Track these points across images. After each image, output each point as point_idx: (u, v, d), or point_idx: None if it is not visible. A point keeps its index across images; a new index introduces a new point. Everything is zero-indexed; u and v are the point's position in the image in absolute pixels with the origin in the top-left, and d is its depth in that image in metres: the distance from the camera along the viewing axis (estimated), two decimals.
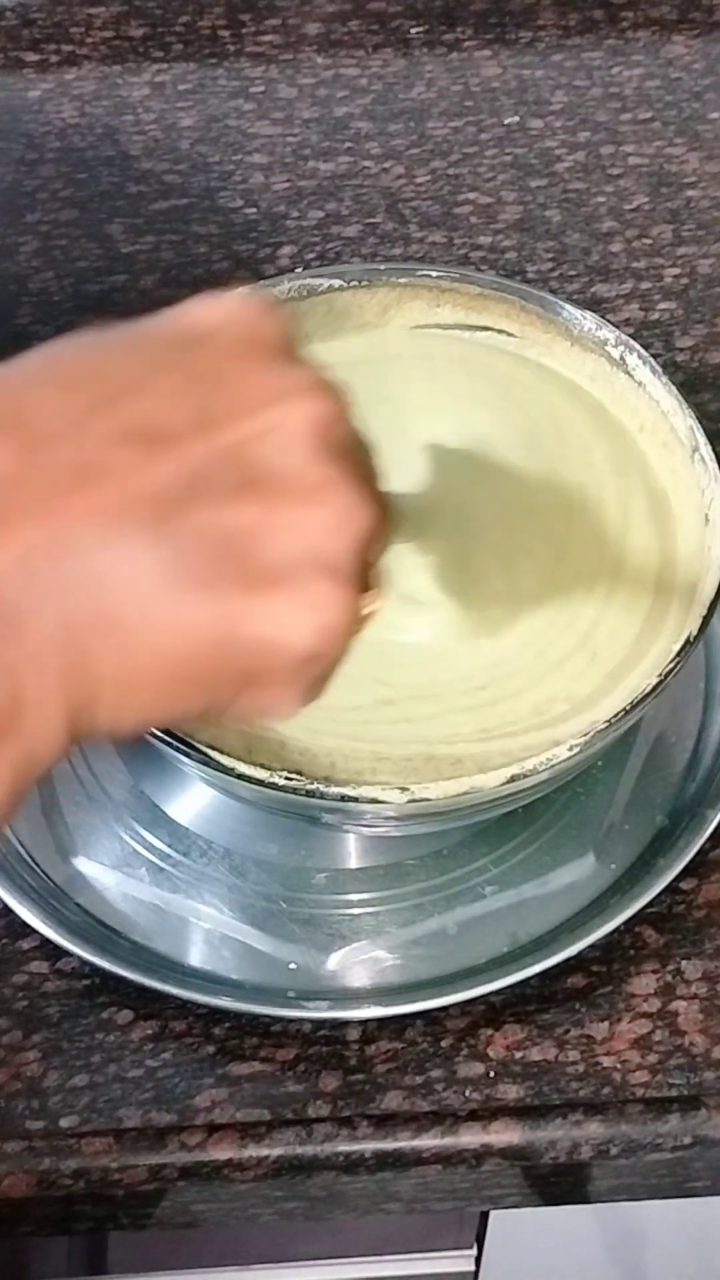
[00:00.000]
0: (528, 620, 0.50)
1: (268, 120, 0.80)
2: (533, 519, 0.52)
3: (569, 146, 0.79)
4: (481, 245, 0.74)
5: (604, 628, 0.50)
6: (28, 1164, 0.48)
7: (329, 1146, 0.48)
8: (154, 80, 0.82)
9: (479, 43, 0.83)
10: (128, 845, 0.54)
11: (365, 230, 0.74)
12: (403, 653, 0.49)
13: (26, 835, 0.54)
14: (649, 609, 0.51)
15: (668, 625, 0.50)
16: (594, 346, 0.56)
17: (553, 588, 0.51)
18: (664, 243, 0.74)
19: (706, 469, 0.52)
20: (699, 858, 0.53)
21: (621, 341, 0.55)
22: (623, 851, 0.54)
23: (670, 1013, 0.51)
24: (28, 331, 0.70)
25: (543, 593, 0.51)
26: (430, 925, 0.52)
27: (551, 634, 0.50)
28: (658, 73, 0.82)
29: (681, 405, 0.53)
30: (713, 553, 0.50)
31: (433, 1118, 0.49)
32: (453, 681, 0.49)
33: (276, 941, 0.52)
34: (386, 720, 0.48)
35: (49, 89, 0.82)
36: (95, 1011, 0.51)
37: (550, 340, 0.57)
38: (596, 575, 0.51)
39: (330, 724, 0.48)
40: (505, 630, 0.50)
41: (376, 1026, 0.50)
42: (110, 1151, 0.48)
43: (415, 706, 0.48)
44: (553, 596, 0.51)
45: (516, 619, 0.50)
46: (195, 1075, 0.50)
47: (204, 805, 0.55)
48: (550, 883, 0.53)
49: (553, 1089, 0.49)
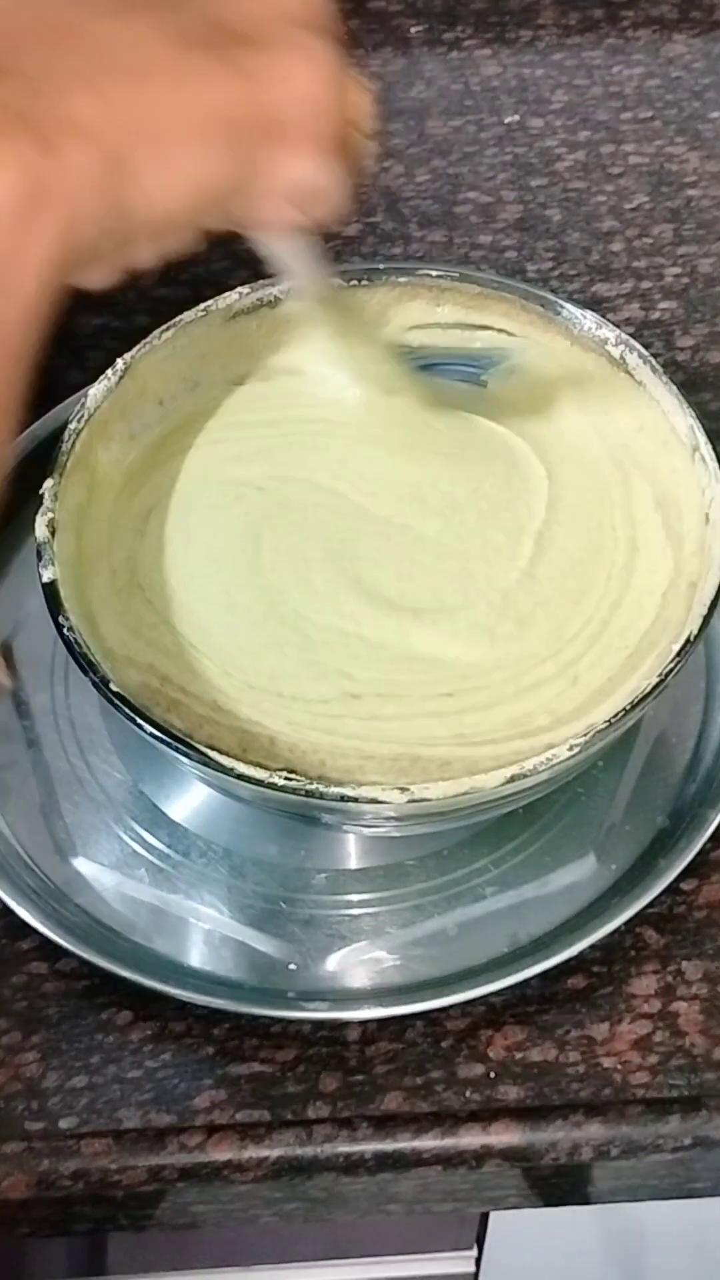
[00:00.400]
0: (505, 646, 0.50)
1: None
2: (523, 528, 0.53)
3: (569, 145, 0.78)
4: (481, 244, 0.74)
5: (589, 659, 0.50)
6: (26, 1165, 0.48)
7: (329, 1148, 0.48)
8: None
9: (479, 41, 0.83)
10: (127, 845, 0.54)
11: (365, 229, 0.74)
12: (366, 648, 0.50)
13: (26, 835, 0.54)
14: (638, 643, 0.50)
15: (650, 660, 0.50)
16: (594, 346, 0.56)
17: (541, 607, 0.51)
18: (664, 242, 0.74)
19: (707, 469, 0.52)
20: (700, 858, 0.53)
21: (622, 341, 0.55)
22: (623, 852, 0.54)
23: (671, 1014, 0.51)
24: None
25: (528, 615, 0.51)
26: (430, 926, 0.52)
27: (528, 663, 0.50)
28: (658, 72, 0.82)
29: (682, 405, 0.53)
30: (713, 553, 0.50)
31: (433, 1119, 0.49)
32: (414, 684, 0.49)
33: (276, 942, 0.52)
34: (357, 716, 0.48)
35: None
36: (94, 1012, 0.51)
37: (550, 339, 0.57)
38: (590, 597, 0.51)
39: (307, 716, 0.48)
40: (478, 646, 0.50)
41: (376, 1027, 0.50)
42: (109, 1152, 0.48)
43: (381, 705, 0.49)
44: (537, 621, 0.51)
45: (494, 639, 0.50)
46: (195, 1076, 0.50)
47: (203, 806, 0.54)
48: (550, 883, 0.53)
49: (553, 1090, 0.49)
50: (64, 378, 0.67)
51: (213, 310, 0.55)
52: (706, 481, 0.51)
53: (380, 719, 0.48)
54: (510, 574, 0.51)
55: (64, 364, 0.68)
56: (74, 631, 0.47)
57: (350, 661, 0.49)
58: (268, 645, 0.50)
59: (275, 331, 0.57)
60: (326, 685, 0.49)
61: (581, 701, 0.49)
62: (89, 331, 0.69)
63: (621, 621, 0.51)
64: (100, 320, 0.70)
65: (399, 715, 0.48)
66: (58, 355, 0.68)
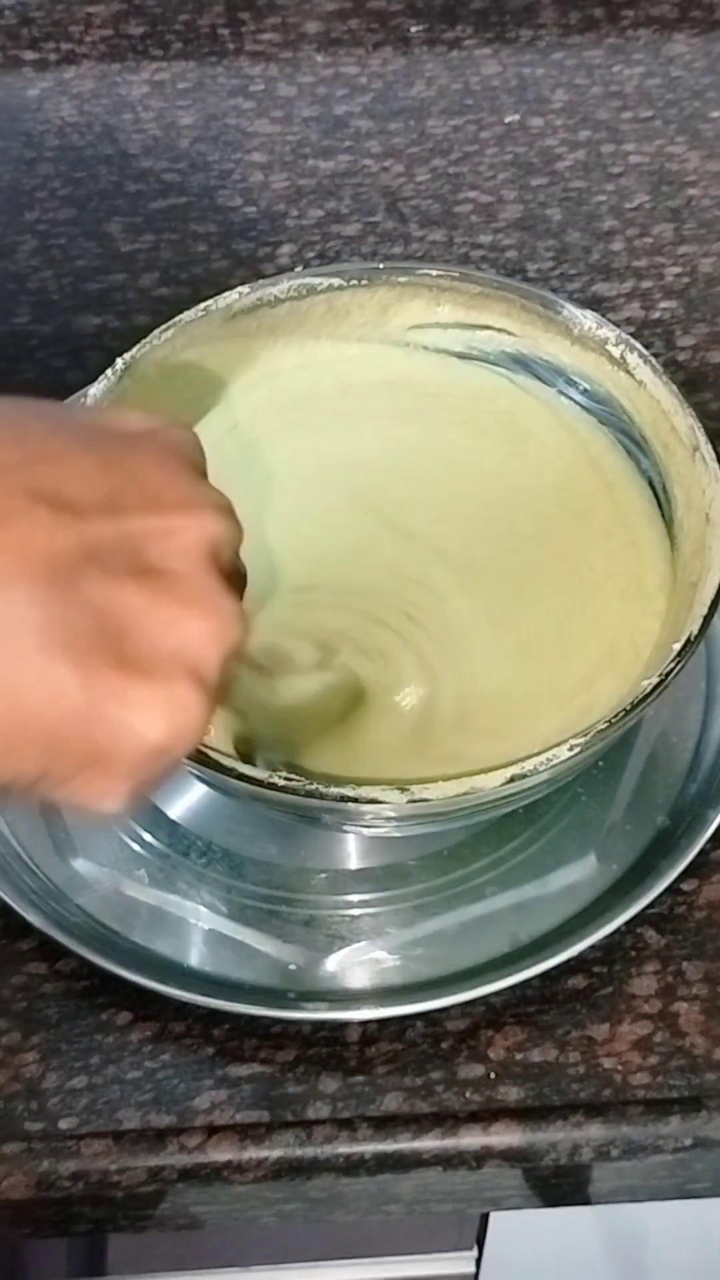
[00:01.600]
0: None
1: (267, 119, 0.80)
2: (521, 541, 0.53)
3: (569, 145, 0.78)
4: (482, 244, 0.74)
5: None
6: (27, 1165, 0.48)
7: (329, 1148, 0.48)
8: (153, 79, 0.82)
9: (479, 41, 0.83)
10: (127, 846, 0.54)
11: (365, 229, 0.74)
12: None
13: (26, 835, 0.54)
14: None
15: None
16: (595, 345, 0.56)
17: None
18: (665, 241, 0.74)
19: (707, 468, 0.52)
20: (700, 858, 0.53)
21: (622, 340, 0.55)
22: (624, 852, 0.54)
23: (671, 1014, 0.51)
24: (26, 330, 0.70)
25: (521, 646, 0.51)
26: (430, 926, 0.52)
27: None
28: (658, 71, 0.82)
29: (682, 404, 0.53)
30: (713, 553, 0.50)
31: (433, 1119, 0.49)
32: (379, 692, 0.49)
33: (276, 942, 0.52)
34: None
35: (48, 87, 0.82)
36: (94, 1013, 0.51)
37: (551, 339, 0.57)
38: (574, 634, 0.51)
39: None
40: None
41: (376, 1028, 0.50)
42: (109, 1153, 0.48)
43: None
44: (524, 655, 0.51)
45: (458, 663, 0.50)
46: (195, 1077, 0.50)
47: (203, 806, 0.54)
48: (551, 883, 0.53)
49: (553, 1090, 0.49)
50: (64, 378, 0.67)
51: (213, 310, 0.55)
52: (706, 482, 0.51)
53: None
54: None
55: (64, 364, 0.68)
56: None
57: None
58: (273, 633, 0.50)
59: (275, 331, 0.57)
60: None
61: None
62: (89, 331, 0.70)
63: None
64: (100, 320, 0.70)
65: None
66: (57, 355, 0.69)
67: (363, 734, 0.48)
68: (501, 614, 0.51)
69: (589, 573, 0.52)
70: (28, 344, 0.69)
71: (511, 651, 0.51)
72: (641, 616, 0.51)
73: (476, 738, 0.49)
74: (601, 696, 0.49)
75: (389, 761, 0.48)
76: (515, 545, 0.53)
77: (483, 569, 0.52)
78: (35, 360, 0.68)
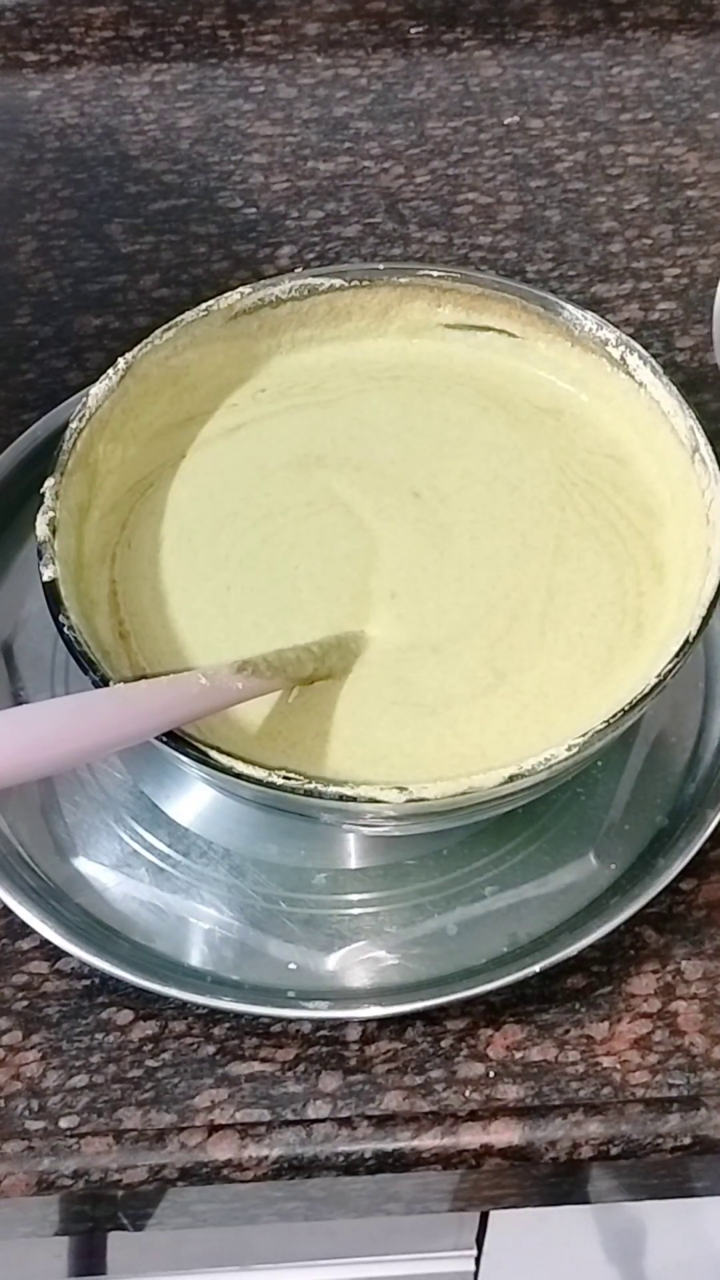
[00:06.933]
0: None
1: (267, 120, 0.80)
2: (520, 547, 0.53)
3: (569, 146, 0.79)
4: (481, 245, 0.74)
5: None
6: (27, 1164, 0.48)
7: (329, 1147, 0.48)
8: (153, 80, 0.82)
9: (479, 42, 0.83)
10: (127, 845, 0.54)
11: (365, 230, 0.74)
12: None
13: (26, 835, 0.54)
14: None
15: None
16: (594, 347, 0.56)
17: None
18: (664, 243, 0.74)
19: (707, 470, 0.52)
20: (699, 858, 0.53)
21: (622, 342, 0.55)
22: (623, 852, 0.54)
23: (670, 1013, 0.51)
24: (27, 331, 0.70)
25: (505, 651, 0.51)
26: (430, 925, 0.52)
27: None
28: (657, 73, 0.82)
29: (682, 406, 0.53)
30: (713, 553, 0.50)
31: (432, 1118, 0.49)
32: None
33: (276, 941, 0.52)
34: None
35: (48, 89, 0.82)
36: (95, 1012, 0.51)
37: (551, 340, 0.57)
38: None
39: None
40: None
41: (376, 1026, 0.50)
42: (110, 1152, 0.48)
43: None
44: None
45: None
46: (195, 1075, 0.50)
47: (204, 805, 0.55)
48: (550, 883, 0.53)
49: (553, 1089, 0.49)
50: (64, 379, 0.67)
51: (213, 310, 0.56)
52: (706, 483, 0.51)
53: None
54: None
55: (64, 365, 0.68)
56: (74, 630, 0.47)
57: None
58: (269, 641, 0.50)
59: (276, 331, 0.57)
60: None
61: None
62: (89, 332, 0.70)
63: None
64: (100, 320, 0.70)
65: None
66: (58, 356, 0.69)
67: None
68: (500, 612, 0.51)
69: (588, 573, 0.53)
70: (28, 344, 0.69)
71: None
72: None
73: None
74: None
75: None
76: (516, 548, 0.53)
77: (483, 569, 0.52)
78: (36, 361, 0.68)
